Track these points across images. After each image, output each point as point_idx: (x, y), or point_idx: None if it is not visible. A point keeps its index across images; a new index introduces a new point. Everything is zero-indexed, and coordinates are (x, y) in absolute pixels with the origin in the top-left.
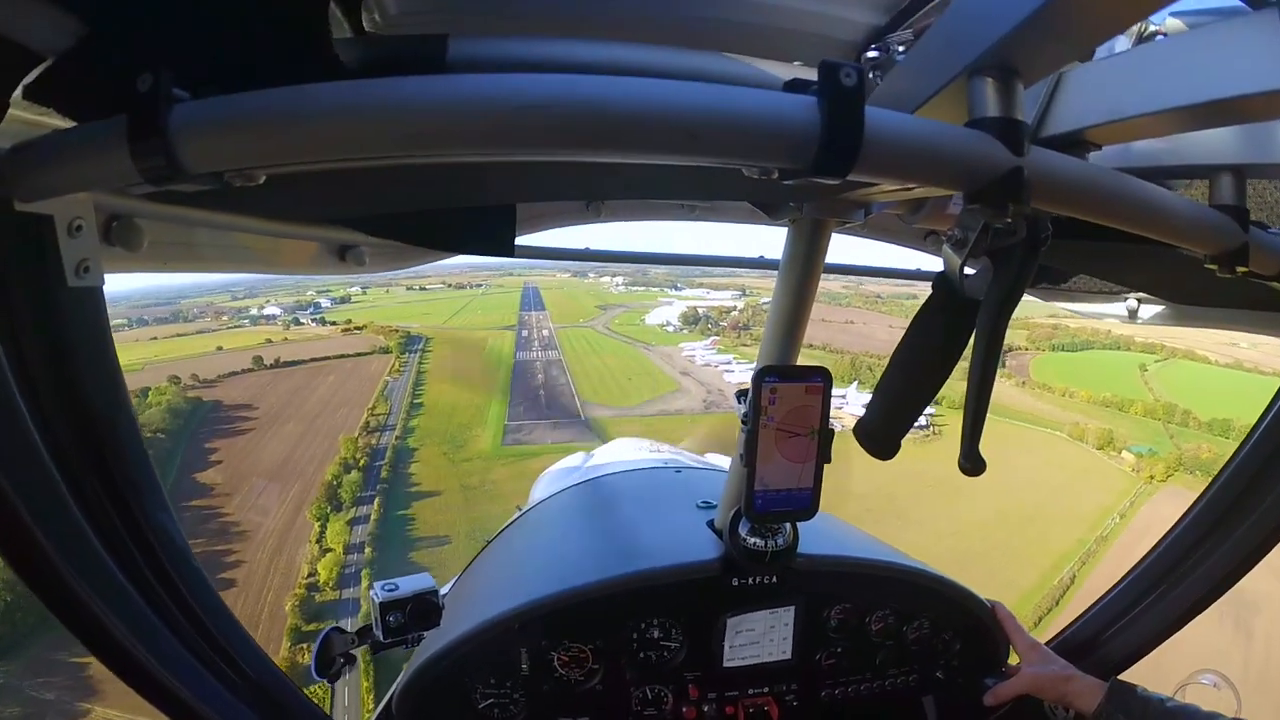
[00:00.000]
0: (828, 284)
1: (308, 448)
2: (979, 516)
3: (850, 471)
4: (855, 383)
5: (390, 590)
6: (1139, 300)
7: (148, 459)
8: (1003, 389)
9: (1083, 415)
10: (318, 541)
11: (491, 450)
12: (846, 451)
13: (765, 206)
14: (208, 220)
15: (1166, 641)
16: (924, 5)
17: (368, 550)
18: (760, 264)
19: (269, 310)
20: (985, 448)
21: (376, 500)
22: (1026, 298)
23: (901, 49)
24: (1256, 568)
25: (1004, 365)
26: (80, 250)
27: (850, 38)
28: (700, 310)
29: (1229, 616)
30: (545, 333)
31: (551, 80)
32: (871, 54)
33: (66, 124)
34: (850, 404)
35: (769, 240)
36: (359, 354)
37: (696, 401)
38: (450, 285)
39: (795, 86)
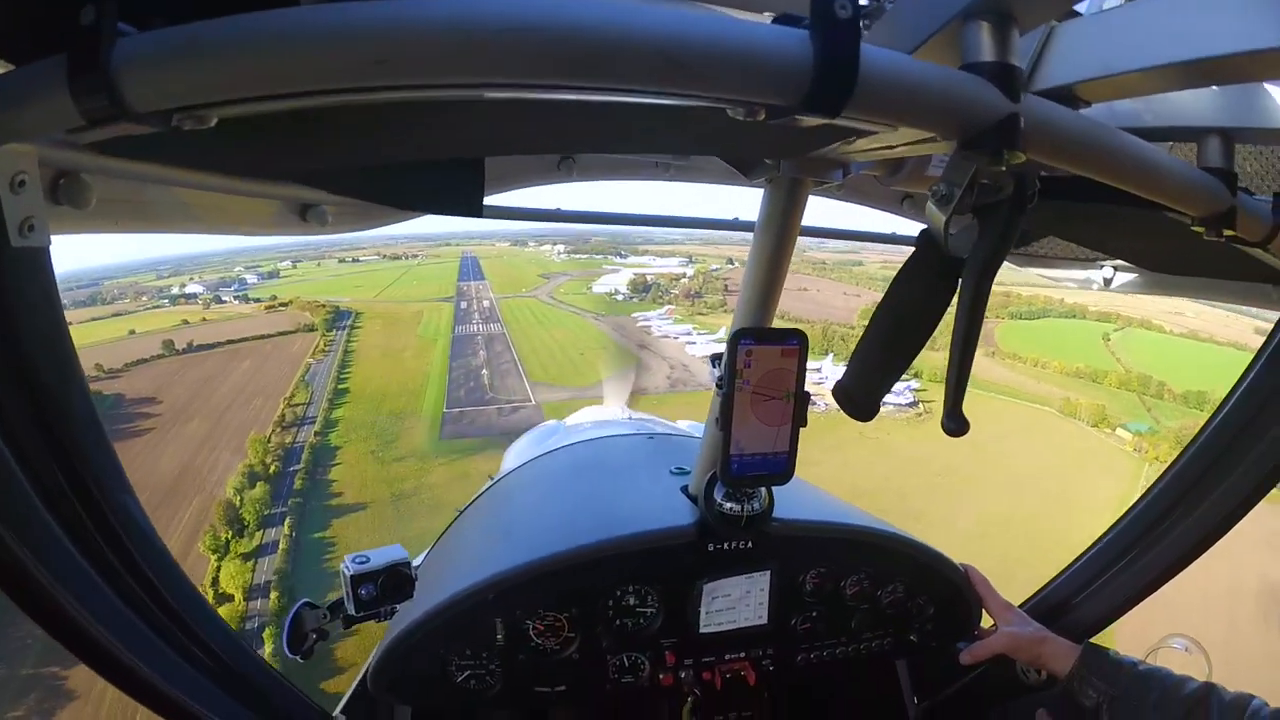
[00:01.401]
0: None
1: (212, 451)
2: (998, 510)
3: (849, 464)
4: (830, 355)
5: (361, 563)
6: (1115, 268)
7: (105, 435)
8: (975, 359)
9: (1058, 387)
10: (212, 585)
11: (428, 446)
12: (839, 442)
13: (741, 164)
14: (161, 176)
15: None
16: None
17: (273, 596)
18: (735, 225)
19: (191, 289)
20: (982, 427)
21: (287, 521)
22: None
23: None
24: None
25: None
26: (24, 208)
27: None
28: (648, 278)
29: None
30: (486, 304)
31: (532, 1)
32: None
33: (5, 69)
34: (828, 380)
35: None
36: (280, 333)
37: (660, 379)
38: (384, 256)
39: (786, 20)
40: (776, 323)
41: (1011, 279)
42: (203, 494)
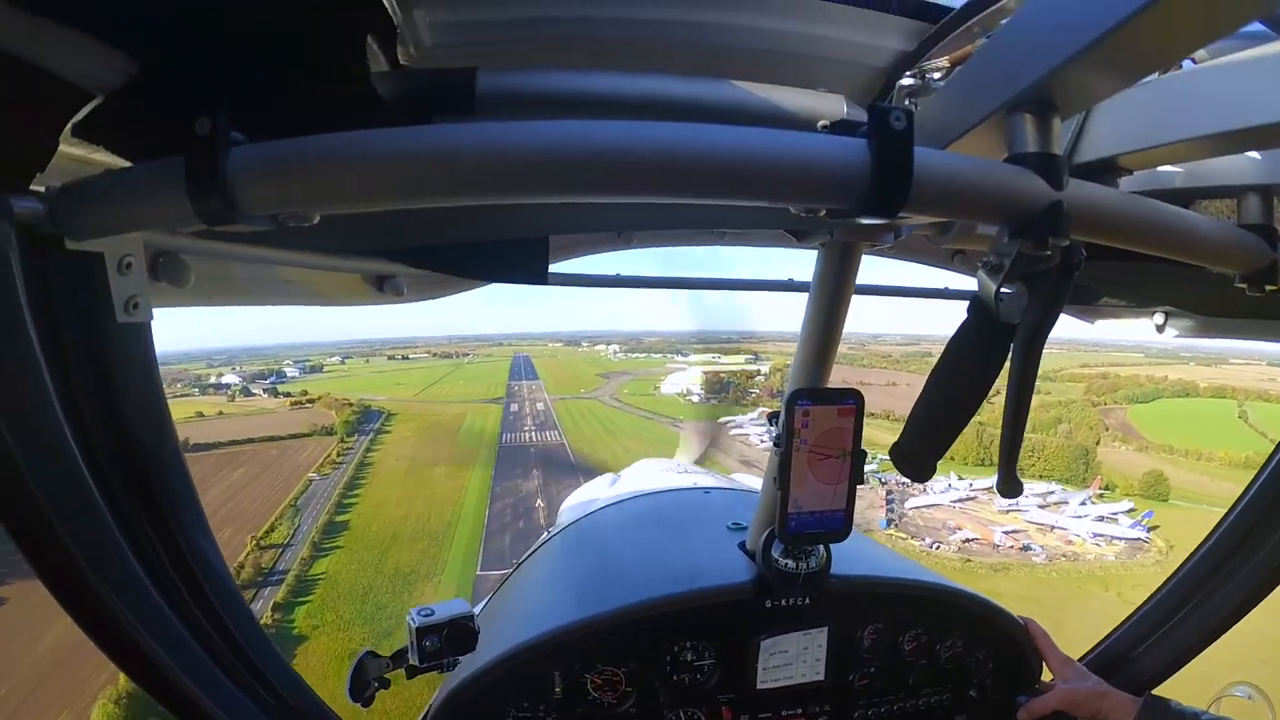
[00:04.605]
0: None
1: None
2: None
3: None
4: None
5: (426, 615)
6: (1166, 314)
7: (193, 490)
8: (1130, 458)
9: (1235, 484)
10: None
11: None
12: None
13: (797, 233)
14: (251, 255)
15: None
16: (952, 31)
17: None
18: (790, 286)
19: (226, 379)
20: None
21: None
22: (1058, 327)
23: (938, 76)
24: None
25: (1106, 428)
26: (129, 287)
27: (879, 64)
28: (723, 375)
29: None
30: (540, 406)
31: (612, 127)
32: (907, 81)
33: (114, 161)
34: (1027, 509)
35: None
36: (293, 435)
37: None
38: (435, 354)
39: (842, 128)
40: (881, 423)
41: (1099, 361)
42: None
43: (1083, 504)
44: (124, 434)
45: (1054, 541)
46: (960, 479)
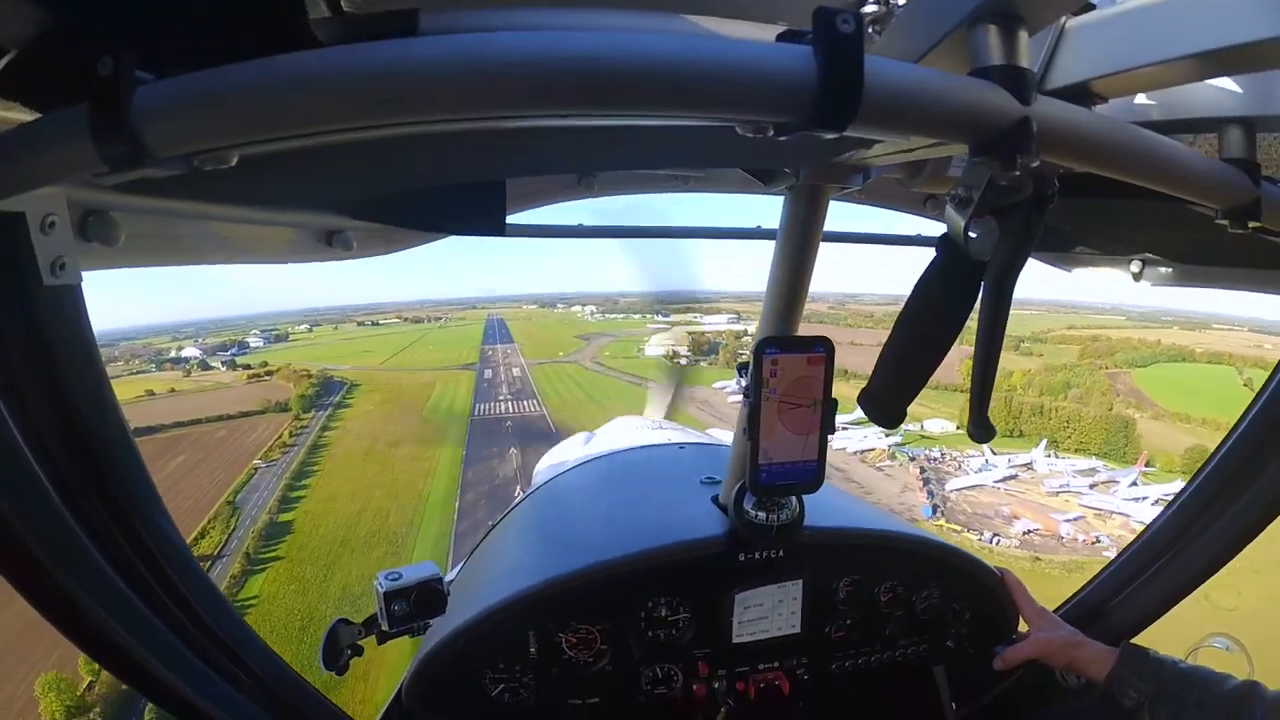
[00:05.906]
0: (814, 306)
1: None
2: None
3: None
4: (1043, 441)
5: (394, 580)
6: (1143, 261)
7: (140, 460)
8: (1149, 427)
9: None
10: None
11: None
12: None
13: (761, 174)
14: (187, 211)
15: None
16: None
17: None
18: (758, 234)
19: (187, 352)
20: None
21: None
22: (1036, 288)
23: (901, 1)
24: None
25: (1117, 394)
26: (55, 247)
27: None
28: (708, 335)
29: None
30: (516, 372)
31: (533, 37)
32: (870, 8)
33: (32, 117)
34: (1082, 489)
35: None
36: (243, 414)
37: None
38: (406, 319)
39: (789, 37)
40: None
41: (1084, 323)
42: None
43: (1133, 484)
44: (63, 404)
45: (1117, 530)
46: (995, 453)
